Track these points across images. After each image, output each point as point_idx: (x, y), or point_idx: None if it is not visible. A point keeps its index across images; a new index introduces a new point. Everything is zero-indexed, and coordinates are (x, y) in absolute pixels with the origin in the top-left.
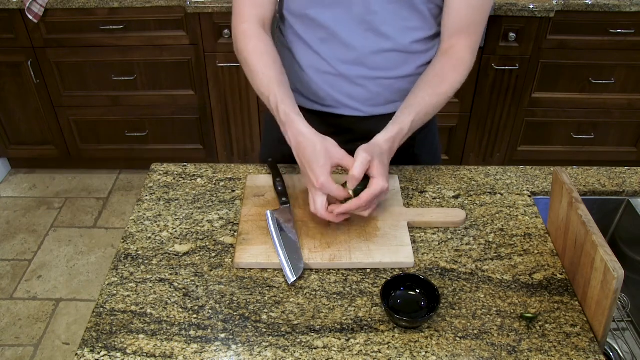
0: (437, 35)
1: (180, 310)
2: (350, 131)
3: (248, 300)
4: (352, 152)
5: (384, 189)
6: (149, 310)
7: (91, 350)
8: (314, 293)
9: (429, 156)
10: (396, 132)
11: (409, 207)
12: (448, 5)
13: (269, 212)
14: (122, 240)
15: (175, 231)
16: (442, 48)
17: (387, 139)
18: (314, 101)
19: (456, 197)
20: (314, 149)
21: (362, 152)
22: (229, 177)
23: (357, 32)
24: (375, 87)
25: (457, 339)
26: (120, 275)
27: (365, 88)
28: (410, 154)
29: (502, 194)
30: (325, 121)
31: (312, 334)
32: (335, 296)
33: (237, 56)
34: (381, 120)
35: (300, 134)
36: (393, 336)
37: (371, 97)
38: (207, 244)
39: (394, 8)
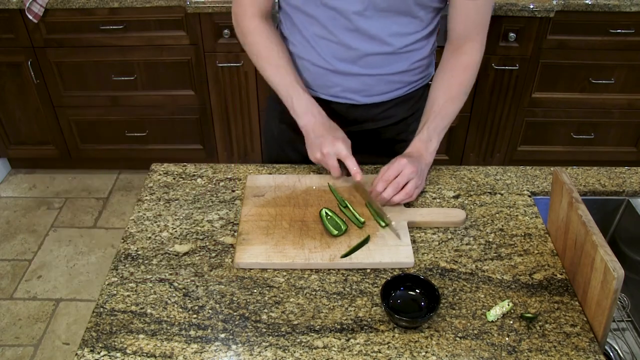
0: (433, 31)
1: (180, 310)
2: (342, 116)
3: (248, 300)
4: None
5: (402, 163)
6: (149, 310)
7: (91, 350)
8: (314, 293)
9: None
10: (421, 143)
11: (409, 207)
12: (455, 8)
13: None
14: (122, 240)
15: (175, 231)
16: (450, 49)
17: (413, 150)
18: (309, 87)
19: (456, 197)
20: (335, 128)
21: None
22: (229, 177)
23: (352, 35)
24: (369, 80)
25: (457, 339)
26: (120, 275)
27: (359, 80)
28: (401, 140)
29: (502, 194)
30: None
31: (312, 334)
32: (335, 296)
33: (244, 47)
34: (373, 108)
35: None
36: (393, 336)
37: (365, 88)
38: (207, 244)
39: (389, 15)
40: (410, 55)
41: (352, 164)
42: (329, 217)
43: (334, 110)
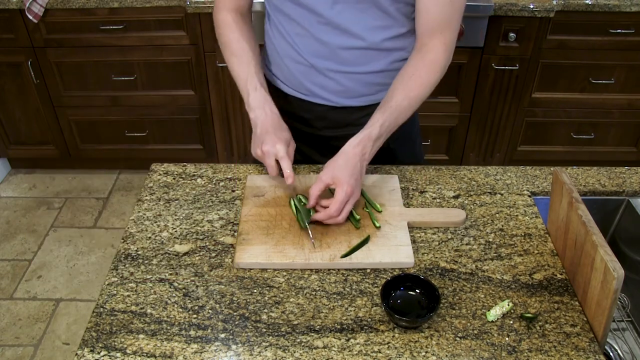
0: (412, 32)
1: (180, 310)
2: (324, 119)
3: (248, 300)
4: (325, 139)
5: (347, 192)
6: (149, 310)
7: (91, 350)
8: (314, 293)
9: (406, 151)
10: (363, 136)
11: (409, 207)
12: (418, 4)
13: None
14: (122, 240)
15: (175, 231)
16: (416, 46)
17: (355, 144)
18: (292, 88)
19: (456, 197)
20: (282, 128)
21: (322, 175)
22: (229, 177)
23: (326, 30)
24: (346, 80)
25: (457, 339)
26: (120, 275)
27: (337, 81)
28: (383, 147)
29: (502, 194)
30: (301, 107)
31: (312, 334)
32: (335, 296)
33: (217, 39)
34: (354, 112)
35: (272, 108)
36: (393, 336)
37: (343, 89)
38: (207, 244)
39: (361, 8)
40: (387, 53)
41: (286, 166)
42: (302, 203)
43: (315, 111)
